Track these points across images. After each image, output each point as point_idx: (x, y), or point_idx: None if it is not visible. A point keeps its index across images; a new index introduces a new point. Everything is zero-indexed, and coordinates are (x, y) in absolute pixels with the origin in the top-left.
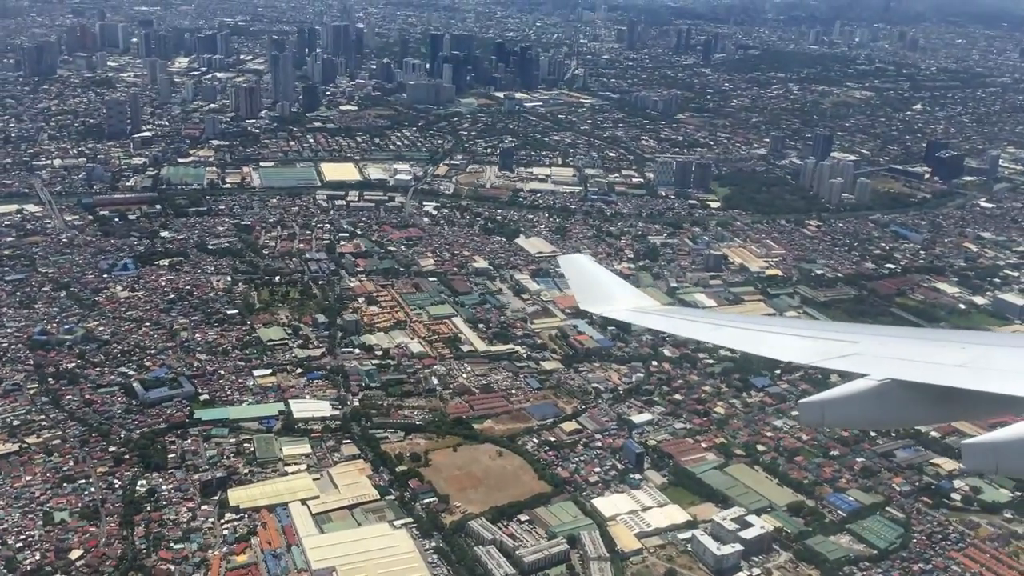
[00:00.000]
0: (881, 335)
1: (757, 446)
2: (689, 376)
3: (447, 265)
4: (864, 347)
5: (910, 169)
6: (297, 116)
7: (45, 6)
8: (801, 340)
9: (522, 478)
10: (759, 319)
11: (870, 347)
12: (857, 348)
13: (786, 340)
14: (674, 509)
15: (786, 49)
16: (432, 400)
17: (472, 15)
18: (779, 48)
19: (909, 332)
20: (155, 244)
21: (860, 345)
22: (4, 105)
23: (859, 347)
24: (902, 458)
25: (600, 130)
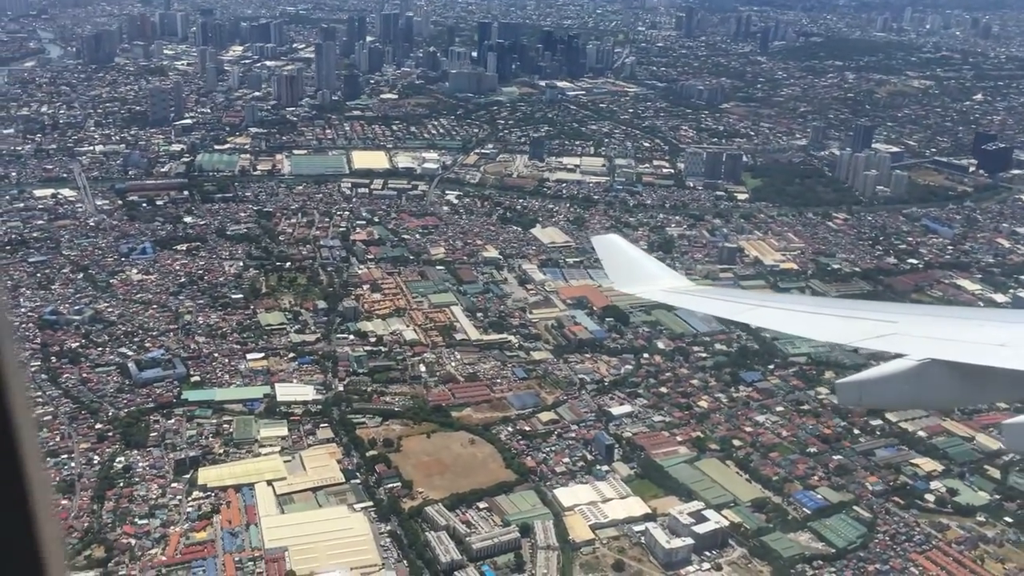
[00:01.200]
0: (920, 314)
1: (733, 441)
2: (679, 369)
3: (457, 254)
4: (902, 327)
5: (954, 162)
6: (337, 104)
7: None
8: (838, 320)
9: (489, 466)
10: (797, 298)
11: (908, 327)
12: (895, 328)
13: (823, 320)
14: (635, 501)
15: (851, 36)
16: (416, 387)
17: (532, 3)
18: (843, 35)
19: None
20: (177, 229)
21: (898, 325)
22: (59, 92)
23: (897, 327)
24: (881, 457)
25: (640, 119)
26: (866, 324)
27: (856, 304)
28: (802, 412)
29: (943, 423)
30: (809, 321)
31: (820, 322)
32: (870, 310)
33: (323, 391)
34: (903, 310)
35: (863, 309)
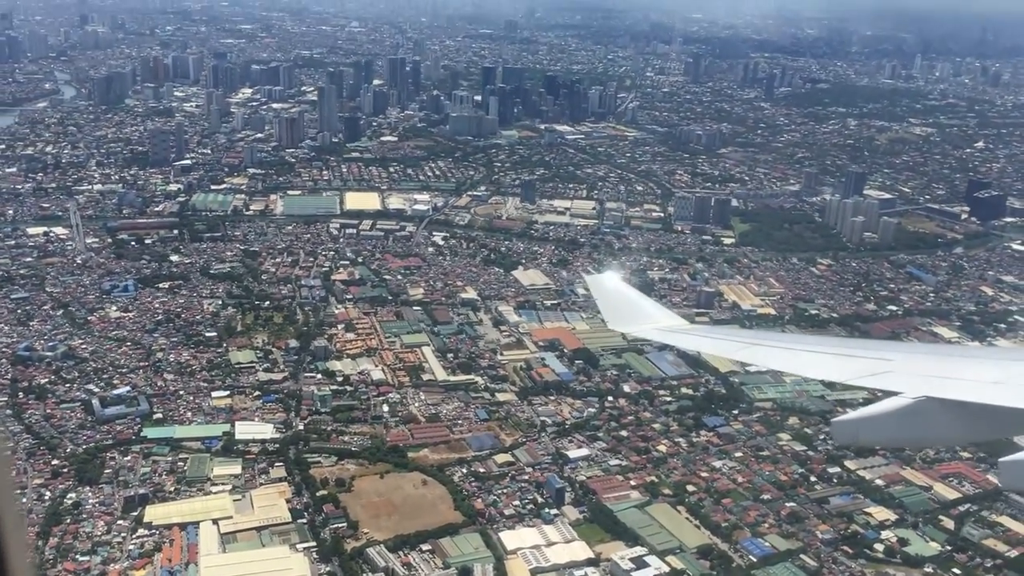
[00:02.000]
0: (915, 352)
1: (687, 486)
2: (642, 413)
3: (436, 295)
4: (897, 364)
5: (947, 209)
6: (337, 146)
7: (136, 39)
8: (834, 358)
9: (439, 508)
10: (792, 337)
11: (904, 365)
12: (890, 366)
13: (818, 358)
14: (579, 546)
15: (858, 83)
16: (376, 427)
17: (545, 48)
18: (850, 82)
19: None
20: (162, 267)
21: (893, 363)
22: (66, 132)
23: (892, 364)
24: (835, 505)
25: (636, 163)
26: (861, 362)
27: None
28: (761, 458)
29: (902, 471)
30: (804, 359)
31: (815, 360)
32: (865, 348)
33: (283, 430)
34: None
35: (858, 347)
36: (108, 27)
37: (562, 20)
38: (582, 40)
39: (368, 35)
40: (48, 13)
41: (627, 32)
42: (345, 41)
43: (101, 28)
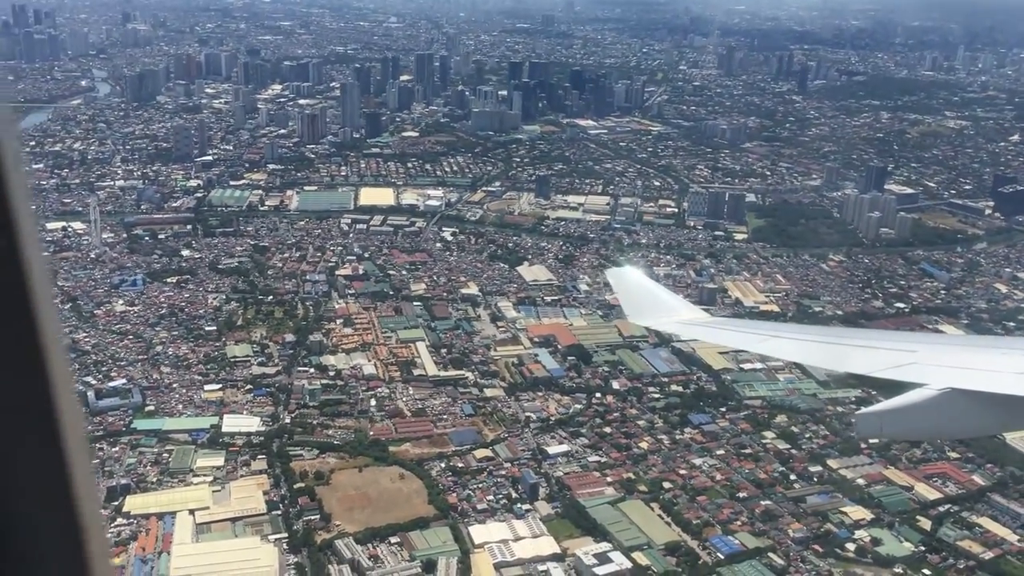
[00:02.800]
0: (940, 343)
1: (664, 483)
2: (628, 410)
3: (438, 290)
4: (922, 356)
5: (970, 204)
6: (358, 142)
7: (176, 36)
8: (856, 350)
9: (413, 501)
10: (814, 329)
11: (928, 356)
12: (915, 357)
13: (841, 350)
14: (546, 541)
15: (896, 76)
16: (361, 421)
17: (580, 42)
18: (889, 74)
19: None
20: (172, 262)
21: (918, 354)
22: (96, 129)
23: (916, 356)
24: (812, 504)
25: (657, 158)
26: (885, 354)
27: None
28: (743, 456)
29: (885, 471)
30: (826, 351)
31: (837, 352)
32: (888, 339)
33: (269, 423)
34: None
35: (881, 339)
36: (149, 25)
37: (601, 14)
38: (619, 34)
39: (405, 31)
40: (93, 11)
41: (665, 25)
42: (381, 37)
43: (142, 26)
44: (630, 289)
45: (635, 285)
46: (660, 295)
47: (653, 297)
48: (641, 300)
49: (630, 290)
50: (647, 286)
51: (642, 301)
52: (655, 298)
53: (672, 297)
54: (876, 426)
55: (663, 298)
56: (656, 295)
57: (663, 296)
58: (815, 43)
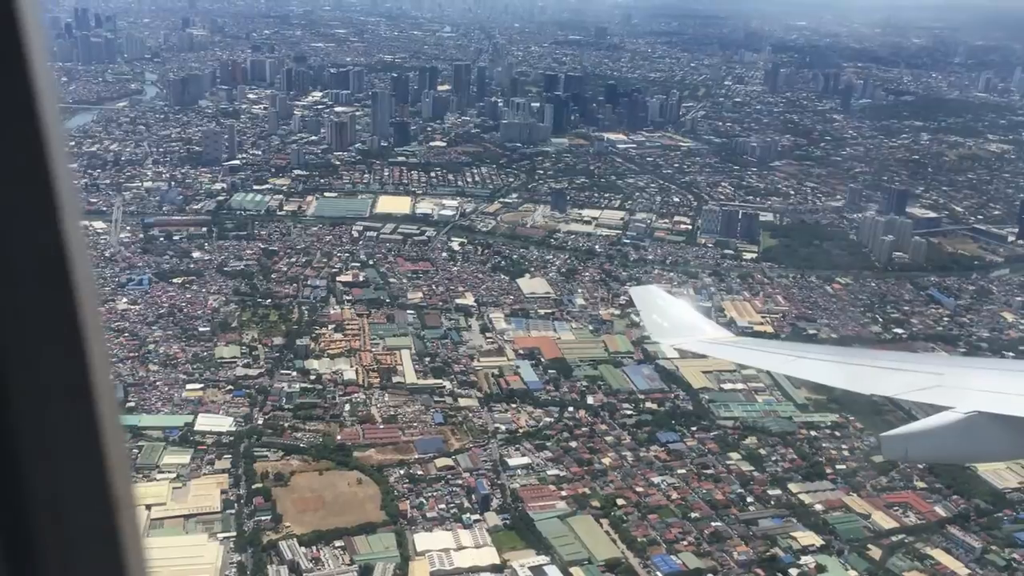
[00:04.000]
0: (965, 366)
1: (618, 500)
2: (598, 425)
3: (434, 299)
4: (948, 379)
5: (994, 230)
6: (385, 150)
7: (231, 42)
8: (882, 372)
9: (366, 506)
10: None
11: (954, 379)
12: (940, 380)
13: (867, 372)
14: (488, 552)
15: (947, 96)
16: (332, 425)
17: (629, 55)
18: (939, 94)
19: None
20: (182, 263)
21: (944, 377)
22: (135, 131)
23: (943, 379)
24: (764, 527)
25: (682, 175)
26: (911, 376)
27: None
28: (704, 476)
29: (847, 498)
30: (852, 373)
31: (863, 374)
32: (914, 362)
33: (242, 423)
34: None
35: (907, 361)
36: (208, 30)
37: (657, 27)
38: (670, 47)
39: (456, 41)
40: (157, 16)
41: (719, 40)
42: (432, 46)
43: (200, 31)
44: (653, 308)
45: (658, 303)
46: (684, 314)
47: (676, 316)
48: (664, 319)
49: (653, 309)
50: (670, 305)
51: (665, 320)
52: (678, 317)
53: (696, 316)
54: (901, 448)
55: (687, 317)
56: (680, 314)
57: (687, 315)
58: (870, 61)
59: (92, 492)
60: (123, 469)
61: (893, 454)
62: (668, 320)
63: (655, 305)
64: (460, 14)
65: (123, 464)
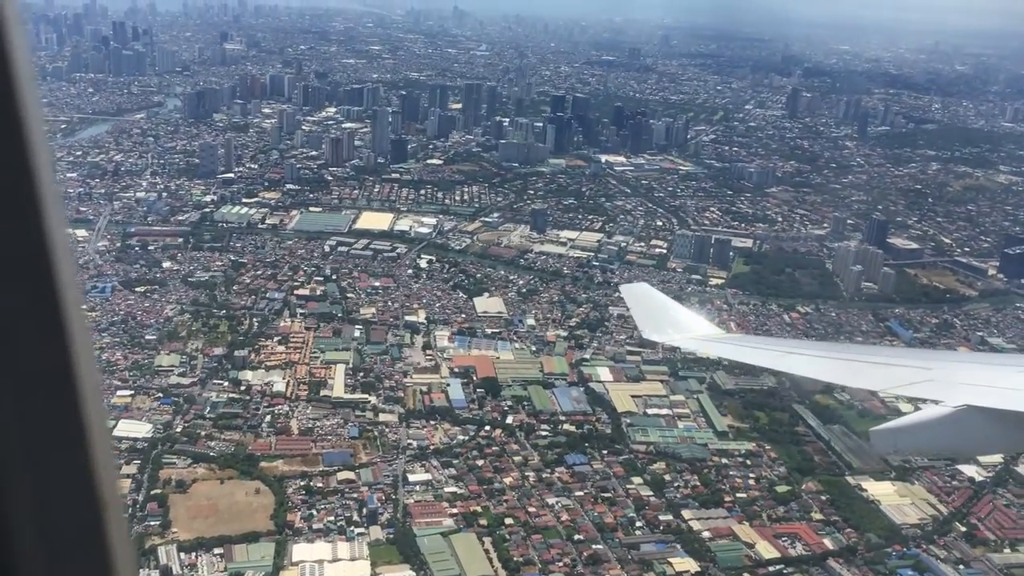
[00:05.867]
0: (955, 361)
1: (506, 519)
2: (510, 445)
3: (386, 315)
4: (937, 373)
5: (974, 263)
6: (380, 167)
7: (265, 56)
8: (871, 367)
9: (257, 516)
10: (831, 346)
11: (944, 373)
12: (930, 375)
13: (856, 367)
14: (361, 565)
15: (971, 125)
16: (247, 436)
17: (656, 76)
18: (964, 123)
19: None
20: (150, 272)
21: (933, 371)
22: (143, 143)
23: (932, 373)
24: (645, 552)
25: (673, 199)
26: (901, 371)
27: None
28: (601, 500)
29: (736, 527)
30: (842, 368)
31: (853, 368)
32: (904, 357)
33: (160, 431)
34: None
35: (897, 356)
36: (244, 45)
37: (694, 49)
38: (702, 70)
39: (488, 59)
40: (199, 30)
41: (753, 63)
42: (462, 64)
43: (236, 46)
44: (644, 305)
45: (649, 301)
46: (675, 311)
47: (668, 313)
48: (655, 316)
49: (644, 306)
50: (662, 302)
51: (656, 317)
52: (670, 314)
53: (687, 313)
54: (891, 443)
55: (678, 314)
56: (671, 311)
57: (678, 312)
58: (903, 87)
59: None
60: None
61: (883, 449)
62: (659, 317)
63: (646, 302)
64: (499, 32)
65: (109, 463)
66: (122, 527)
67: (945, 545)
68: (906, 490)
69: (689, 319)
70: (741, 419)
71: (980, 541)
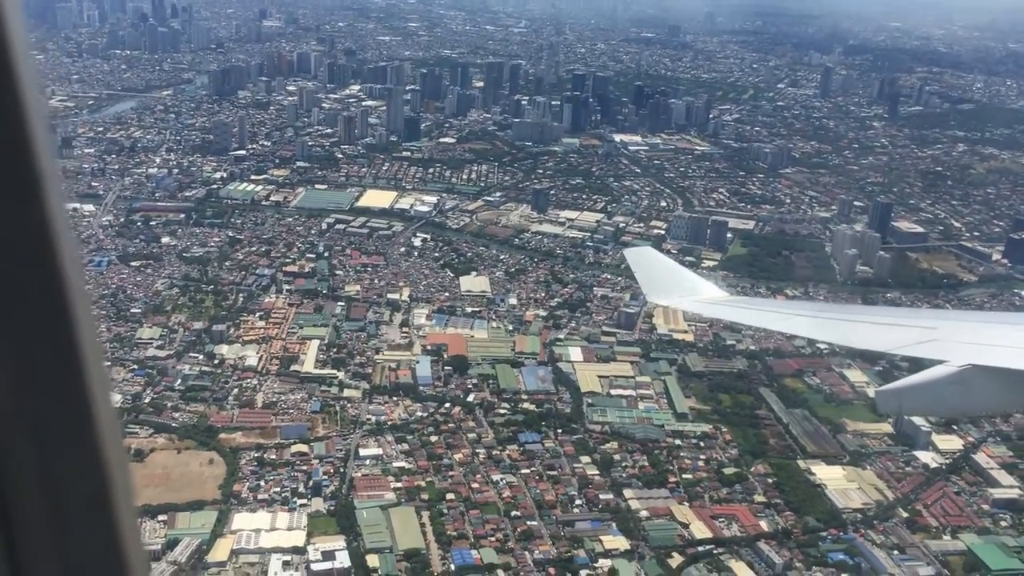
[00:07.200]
0: (960, 320)
1: (448, 495)
2: (467, 422)
3: (370, 292)
4: (942, 333)
5: (979, 248)
6: (391, 145)
7: (301, 33)
8: (877, 328)
9: (206, 485)
10: (834, 307)
11: (949, 333)
12: (935, 334)
13: (861, 328)
14: (297, 535)
15: (1010, 105)
16: (211, 408)
17: (693, 53)
18: (1002, 103)
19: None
20: (148, 247)
21: (938, 331)
22: (165, 120)
23: (937, 333)
24: (579, 529)
25: (683, 179)
26: (906, 331)
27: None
28: (546, 478)
29: (675, 507)
30: (847, 329)
31: (856, 329)
32: (910, 317)
33: (129, 401)
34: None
35: (903, 316)
36: (282, 22)
37: (738, 26)
38: (742, 47)
39: (525, 36)
40: (240, 6)
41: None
42: (498, 42)
43: (273, 23)
44: (649, 269)
45: (654, 264)
46: (681, 275)
47: (673, 276)
48: (660, 279)
49: (649, 269)
50: (667, 265)
51: (661, 280)
52: (675, 277)
53: (692, 276)
54: (896, 403)
55: (683, 277)
56: (676, 274)
57: (683, 275)
58: (948, 66)
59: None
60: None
61: (888, 408)
62: (664, 280)
63: (650, 266)
64: (541, 9)
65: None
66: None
67: (884, 531)
68: (856, 475)
69: (694, 282)
70: (704, 401)
71: (921, 527)
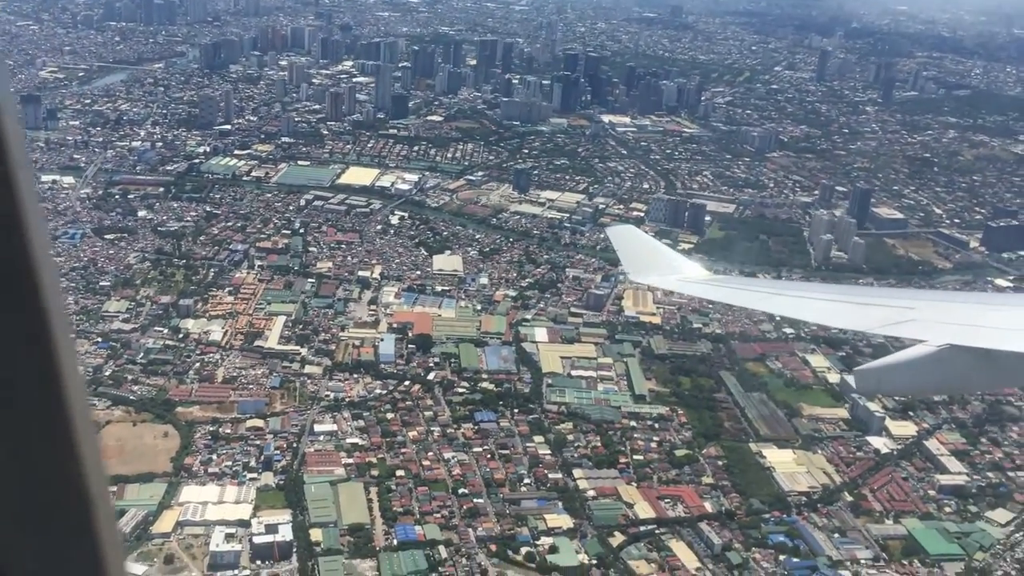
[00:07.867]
0: (938, 300)
1: (397, 471)
2: (425, 400)
3: (342, 270)
4: (920, 312)
5: (957, 235)
6: (378, 122)
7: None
8: (854, 307)
9: (159, 458)
10: (814, 286)
11: (926, 313)
12: (913, 314)
13: (841, 307)
14: (243, 508)
15: (1007, 92)
16: (171, 381)
17: (690, 35)
18: (999, 90)
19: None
20: (123, 220)
21: (916, 311)
22: (154, 93)
23: (915, 313)
24: (524, 507)
25: (668, 161)
26: (884, 310)
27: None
28: (497, 456)
29: (622, 487)
30: (827, 308)
31: (836, 309)
32: (887, 296)
33: (89, 373)
34: (922, 296)
35: (882, 296)
36: None
37: (742, 6)
38: (743, 28)
39: (526, 14)
40: None
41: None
42: (498, 20)
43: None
44: (631, 247)
45: (636, 243)
46: (661, 253)
47: (655, 254)
48: (642, 257)
49: (631, 247)
50: (649, 244)
51: (643, 258)
52: (657, 255)
53: (674, 255)
54: (873, 382)
55: (664, 256)
56: (658, 252)
57: (665, 254)
58: (949, 51)
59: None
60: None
61: (865, 388)
62: (645, 258)
63: (632, 245)
64: None
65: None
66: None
67: (827, 514)
68: (806, 459)
69: (676, 261)
70: (664, 383)
71: (865, 512)
